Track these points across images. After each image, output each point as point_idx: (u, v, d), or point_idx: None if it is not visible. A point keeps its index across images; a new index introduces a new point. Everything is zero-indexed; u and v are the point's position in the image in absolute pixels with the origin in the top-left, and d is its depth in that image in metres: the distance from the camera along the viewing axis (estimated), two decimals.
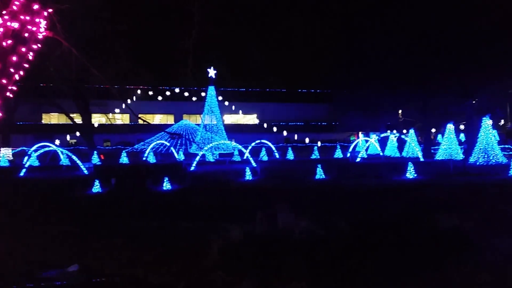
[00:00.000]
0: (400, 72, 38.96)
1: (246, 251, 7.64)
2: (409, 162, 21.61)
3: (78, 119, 42.04)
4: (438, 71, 36.23)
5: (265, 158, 38.25)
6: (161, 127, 51.73)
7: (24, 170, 25.95)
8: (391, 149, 41.57)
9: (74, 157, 26.41)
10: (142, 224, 10.93)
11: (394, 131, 47.04)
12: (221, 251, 7.77)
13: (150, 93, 54.87)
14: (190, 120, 55.46)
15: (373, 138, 44.32)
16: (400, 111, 53.62)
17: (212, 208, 12.95)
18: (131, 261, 7.88)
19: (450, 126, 33.44)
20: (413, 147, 37.05)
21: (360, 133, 62.91)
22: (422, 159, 32.87)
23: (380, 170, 23.86)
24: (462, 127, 43.38)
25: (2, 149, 42.95)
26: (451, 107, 41.05)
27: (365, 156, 39.13)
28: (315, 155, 41.06)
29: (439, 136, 47.41)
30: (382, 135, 42.46)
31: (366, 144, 42.09)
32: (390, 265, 7.23)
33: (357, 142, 45.25)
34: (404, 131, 45.05)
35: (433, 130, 47.76)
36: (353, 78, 50.47)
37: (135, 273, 7.28)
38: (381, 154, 38.96)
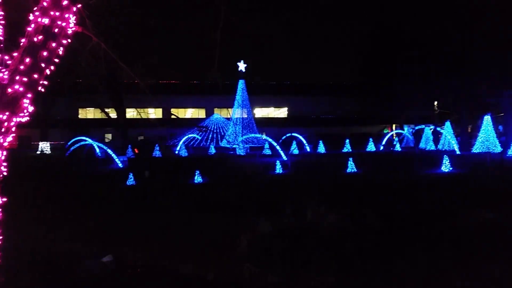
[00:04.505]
0: (435, 62, 37.82)
1: (274, 244, 7.63)
2: (445, 155, 21.00)
3: (113, 114, 43.09)
4: (475, 60, 34.96)
5: (296, 151, 38.07)
6: (192, 121, 52.42)
7: (67, 163, 26.85)
8: (426, 142, 40.51)
9: (109, 151, 27.11)
10: (173, 216, 11.13)
11: (430, 124, 45.77)
12: (250, 244, 7.79)
13: (182, 87, 55.65)
14: (221, 114, 55.81)
15: (408, 130, 43.26)
16: (435, 103, 52.03)
17: (242, 201, 13.01)
18: (162, 252, 8.03)
19: (488, 118, 32.24)
20: (449, 140, 35.97)
21: (393, 125, 61.56)
22: (458, 152, 31.88)
23: (414, 164, 23.30)
24: (500, 118, 41.71)
25: (40, 143, 44.69)
26: (488, 98, 39.52)
27: (399, 149, 38.33)
28: (347, 148, 40.55)
29: (476, 128, 45.80)
30: (417, 127, 41.41)
31: (400, 137, 41.17)
32: (421, 260, 7.05)
33: (391, 135, 44.32)
34: (440, 123, 43.78)
35: (470, 122, 46.15)
36: (387, 70, 49.41)
37: (167, 264, 7.42)
38: (416, 147, 38.03)
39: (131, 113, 47.98)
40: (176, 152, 38.45)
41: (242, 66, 43.88)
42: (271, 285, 6.30)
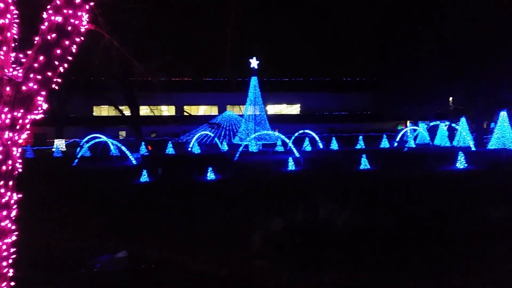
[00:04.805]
0: (450, 58, 37.29)
1: (287, 241, 7.62)
2: (460, 152, 20.71)
3: (126, 111, 43.46)
4: (490, 56, 34.37)
5: (309, 148, 37.93)
6: (205, 118, 52.60)
7: (76, 160, 27.19)
8: (441, 138, 40.01)
9: (123, 148, 27.36)
10: (186, 213, 11.19)
11: (445, 120, 45.18)
12: (262, 241, 7.79)
13: (194, 85, 55.87)
14: (234, 111, 55.88)
15: (422, 127, 42.75)
16: (450, 99, 51.33)
17: (254, 198, 13.02)
18: (175, 249, 8.08)
19: (503, 114, 31.68)
20: (464, 136, 35.47)
21: (408, 122, 60.91)
22: (473, 149, 31.43)
23: (428, 160, 23.03)
24: None
25: (56, 140, 45.32)
26: (504, 94, 38.84)
27: (413, 146, 37.94)
28: (360, 145, 40.27)
29: (492, 124, 45.07)
30: (432, 123, 40.90)
31: (414, 133, 40.73)
32: (435, 258, 6.98)
33: (405, 131, 43.87)
34: (455, 119, 43.17)
35: (486, 118, 45.45)
36: (400, 65, 48.87)
37: (180, 261, 7.46)
38: (431, 143, 37.60)
39: (144, 110, 48.34)
40: (189, 149, 38.62)
41: (254, 63, 43.82)
42: (284, 281, 6.29)
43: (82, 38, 3.82)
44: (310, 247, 7.40)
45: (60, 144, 43.68)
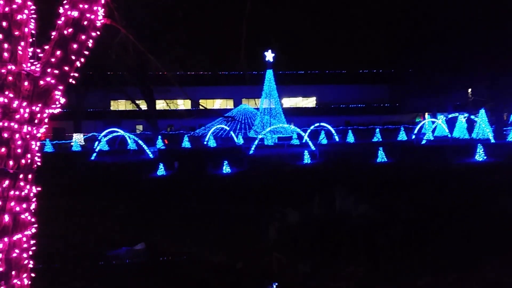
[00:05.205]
0: (468, 48, 36.51)
1: (303, 234, 7.60)
2: (479, 144, 20.33)
3: (143, 105, 43.82)
4: (509, 46, 33.52)
5: (325, 141, 37.71)
6: (220, 112, 52.65)
7: (94, 154, 27.57)
8: (460, 131, 39.35)
9: (140, 142, 27.63)
10: (202, 206, 11.27)
11: (463, 112, 44.35)
12: (278, 234, 7.79)
13: (210, 78, 55.95)
14: (249, 104, 55.81)
15: (440, 119, 42.07)
16: (469, 90, 50.31)
17: (270, 191, 13.02)
18: (192, 241, 8.15)
19: None
20: (484, 128, 34.79)
21: (426, 114, 59.98)
22: (493, 141, 30.83)
23: (447, 153, 22.67)
24: None
25: (74, 134, 46.02)
26: None
27: (432, 138, 37.39)
28: (377, 137, 39.86)
29: None
30: (450, 115, 40.20)
31: (432, 126, 40.12)
32: (453, 251, 6.88)
33: (423, 124, 43.23)
34: (474, 111, 42.33)
35: (506, 110, 44.45)
36: (418, 56, 48.03)
37: (196, 253, 7.53)
38: (449, 136, 37.01)
39: (161, 104, 48.65)
40: (205, 142, 38.79)
41: (269, 55, 43.61)
42: (300, 274, 6.29)
43: (98, 33, 3.84)
44: (326, 240, 7.37)
45: (78, 138, 44.31)
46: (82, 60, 3.74)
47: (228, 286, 6.29)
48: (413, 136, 38.00)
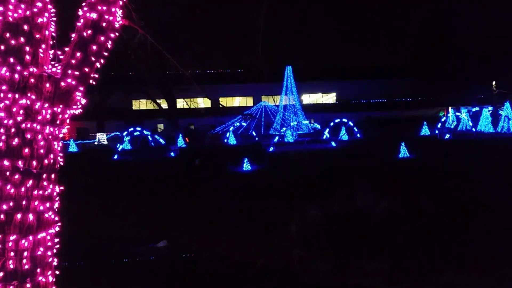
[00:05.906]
0: (492, 40, 35.58)
1: (324, 230, 7.56)
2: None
3: (164, 105, 44.25)
4: None
5: (345, 137, 37.35)
6: (240, 110, 52.75)
7: (117, 153, 28.01)
8: (485, 125, 38.42)
9: (162, 141, 27.93)
10: (223, 203, 11.32)
11: (488, 105, 43.26)
12: (300, 230, 7.77)
13: (229, 76, 56.09)
14: (269, 101, 55.71)
15: (464, 113, 41.17)
16: (494, 83, 49.04)
17: (290, 187, 12.98)
18: (213, 238, 8.21)
19: None
20: (509, 122, 33.87)
21: (449, 108, 58.73)
22: None
23: (470, 147, 22.15)
24: None
25: (97, 134, 46.88)
26: None
27: (456, 133, 36.64)
28: (399, 132, 39.24)
29: None
30: (474, 109, 39.28)
31: (456, 120, 39.31)
32: (478, 248, 6.73)
33: (446, 118, 42.40)
34: (499, 104, 41.24)
35: None
36: (441, 49, 47.06)
37: (218, 250, 7.58)
38: (474, 130, 36.18)
39: (181, 103, 49.06)
40: (225, 140, 38.95)
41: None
42: (321, 271, 6.26)
43: (117, 34, 3.89)
44: (348, 236, 7.32)
45: (101, 137, 45.11)
46: (102, 61, 3.79)
47: (249, 283, 6.31)
48: (436, 131, 37.30)
